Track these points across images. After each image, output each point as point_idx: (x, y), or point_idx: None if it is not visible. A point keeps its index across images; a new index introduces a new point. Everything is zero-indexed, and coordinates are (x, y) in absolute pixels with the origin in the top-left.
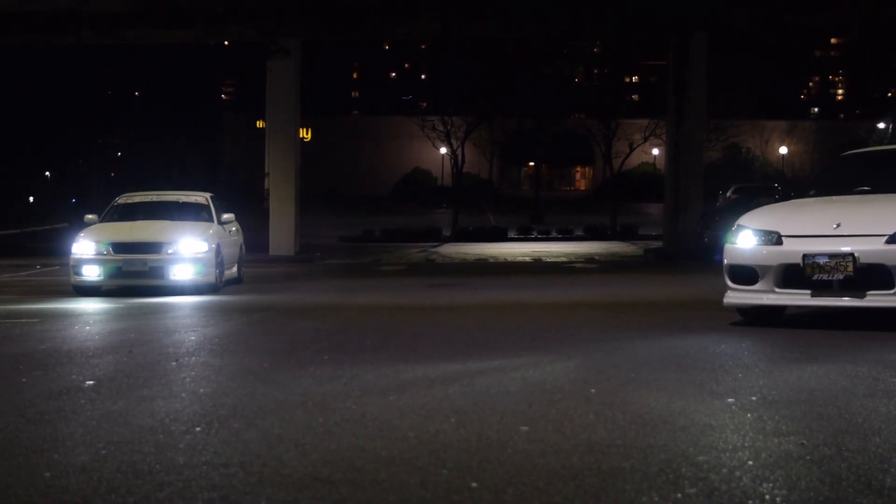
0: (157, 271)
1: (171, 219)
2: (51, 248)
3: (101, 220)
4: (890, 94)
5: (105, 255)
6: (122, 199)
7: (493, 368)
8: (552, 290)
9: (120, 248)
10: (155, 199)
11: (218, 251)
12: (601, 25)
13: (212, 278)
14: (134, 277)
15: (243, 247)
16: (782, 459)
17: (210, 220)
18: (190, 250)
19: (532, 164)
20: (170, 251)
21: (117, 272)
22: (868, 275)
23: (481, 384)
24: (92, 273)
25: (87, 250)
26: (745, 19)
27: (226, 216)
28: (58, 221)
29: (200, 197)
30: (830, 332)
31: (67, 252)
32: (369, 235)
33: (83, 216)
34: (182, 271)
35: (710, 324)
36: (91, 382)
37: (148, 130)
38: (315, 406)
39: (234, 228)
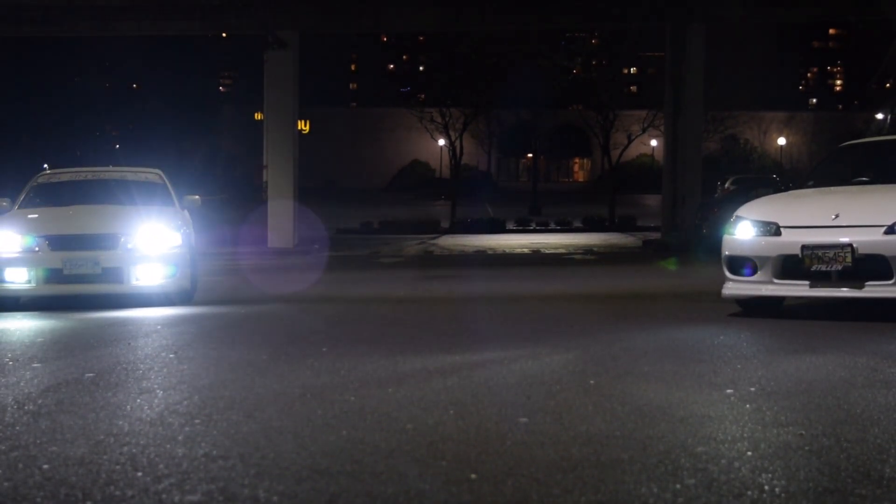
0: (113, 274)
1: (119, 203)
2: None
3: (19, 207)
4: (888, 85)
5: (37, 251)
6: (45, 178)
7: (491, 360)
8: (550, 281)
9: (59, 242)
10: (91, 177)
11: (190, 246)
12: (597, 18)
13: (186, 283)
14: (80, 282)
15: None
16: (781, 450)
17: (170, 203)
18: (159, 244)
19: (530, 155)
20: (129, 245)
21: (56, 276)
22: (866, 265)
23: (480, 376)
24: (18, 277)
25: (8, 246)
26: (741, 12)
27: (189, 199)
28: None
29: (152, 174)
30: (829, 322)
31: None
32: (367, 227)
33: None
34: (148, 273)
35: (709, 315)
36: (90, 375)
37: (145, 123)
38: (314, 398)
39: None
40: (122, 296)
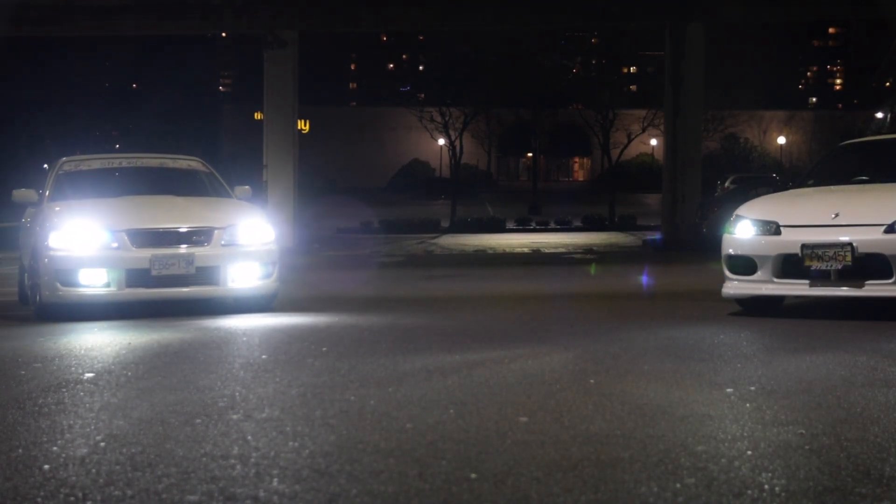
0: (207, 274)
1: (177, 193)
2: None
3: (50, 199)
4: (888, 84)
5: (116, 249)
6: (71, 166)
7: (491, 359)
8: (550, 280)
9: (144, 237)
10: (126, 164)
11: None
12: (597, 17)
13: (277, 285)
14: (170, 285)
15: None
16: (781, 449)
17: (226, 194)
18: (255, 239)
19: (530, 154)
20: (223, 242)
21: (141, 278)
22: (866, 264)
23: (480, 375)
24: (95, 280)
25: (84, 242)
26: (741, 12)
27: (241, 189)
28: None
29: (194, 161)
30: (829, 322)
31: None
32: (368, 227)
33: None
34: (243, 274)
35: (709, 314)
36: (90, 375)
37: (145, 123)
38: (313, 398)
39: None
40: (216, 300)
